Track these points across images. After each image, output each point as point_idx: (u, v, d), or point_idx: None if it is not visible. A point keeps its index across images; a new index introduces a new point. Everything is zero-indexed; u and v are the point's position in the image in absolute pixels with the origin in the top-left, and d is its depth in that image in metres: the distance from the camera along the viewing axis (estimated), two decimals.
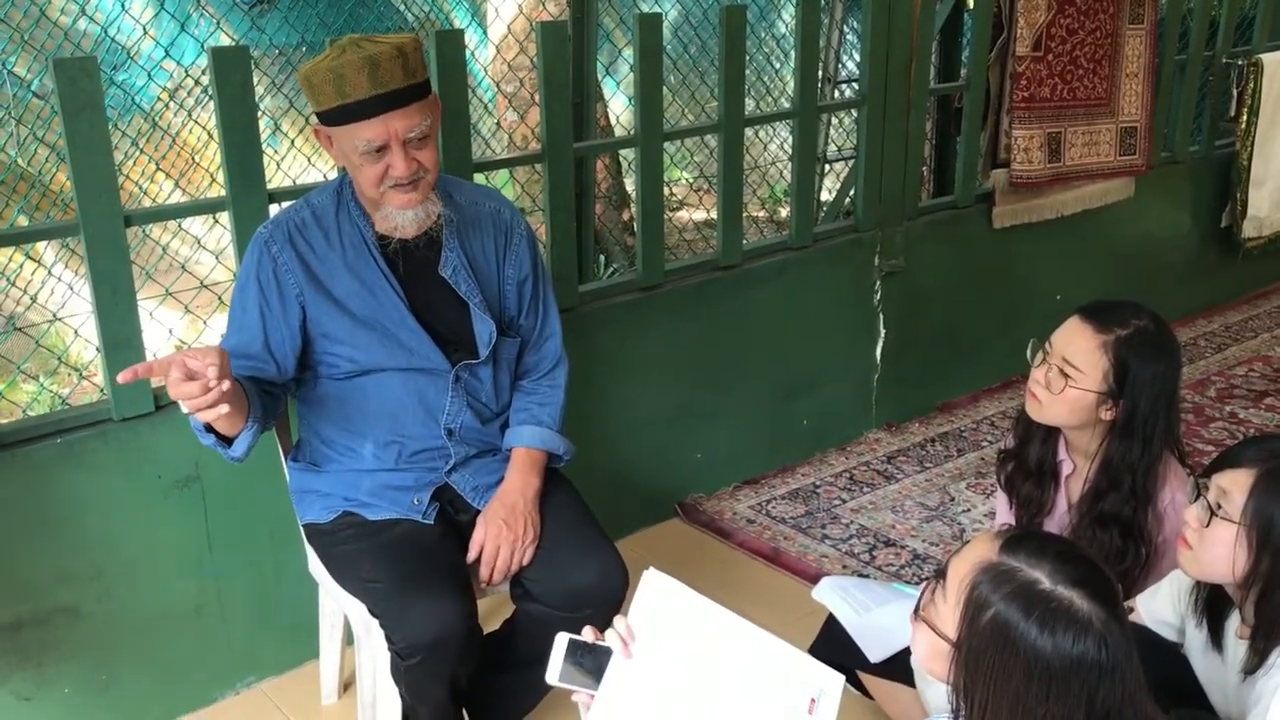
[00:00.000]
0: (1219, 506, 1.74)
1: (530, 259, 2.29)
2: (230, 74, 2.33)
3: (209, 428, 1.94)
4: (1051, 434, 2.39)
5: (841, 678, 1.79)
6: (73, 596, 2.36)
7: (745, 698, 1.69)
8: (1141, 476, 2.18)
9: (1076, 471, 2.36)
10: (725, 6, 3.09)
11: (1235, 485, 1.73)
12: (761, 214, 6.52)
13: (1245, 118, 4.60)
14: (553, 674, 1.65)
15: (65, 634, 2.36)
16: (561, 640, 1.65)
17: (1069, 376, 2.21)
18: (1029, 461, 2.42)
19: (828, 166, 4.82)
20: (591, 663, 1.65)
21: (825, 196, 5.15)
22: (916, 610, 1.55)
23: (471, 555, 2.15)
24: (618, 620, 1.66)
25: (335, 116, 1.99)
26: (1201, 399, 4.06)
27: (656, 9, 6.14)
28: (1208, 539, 1.76)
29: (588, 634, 1.66)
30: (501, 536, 2.13)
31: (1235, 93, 4.62)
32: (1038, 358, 2.30)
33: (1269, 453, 1.74)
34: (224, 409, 1.82)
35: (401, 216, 2.06)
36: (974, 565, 1.44)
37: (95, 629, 2.40)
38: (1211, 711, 1.91)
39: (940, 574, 1.51)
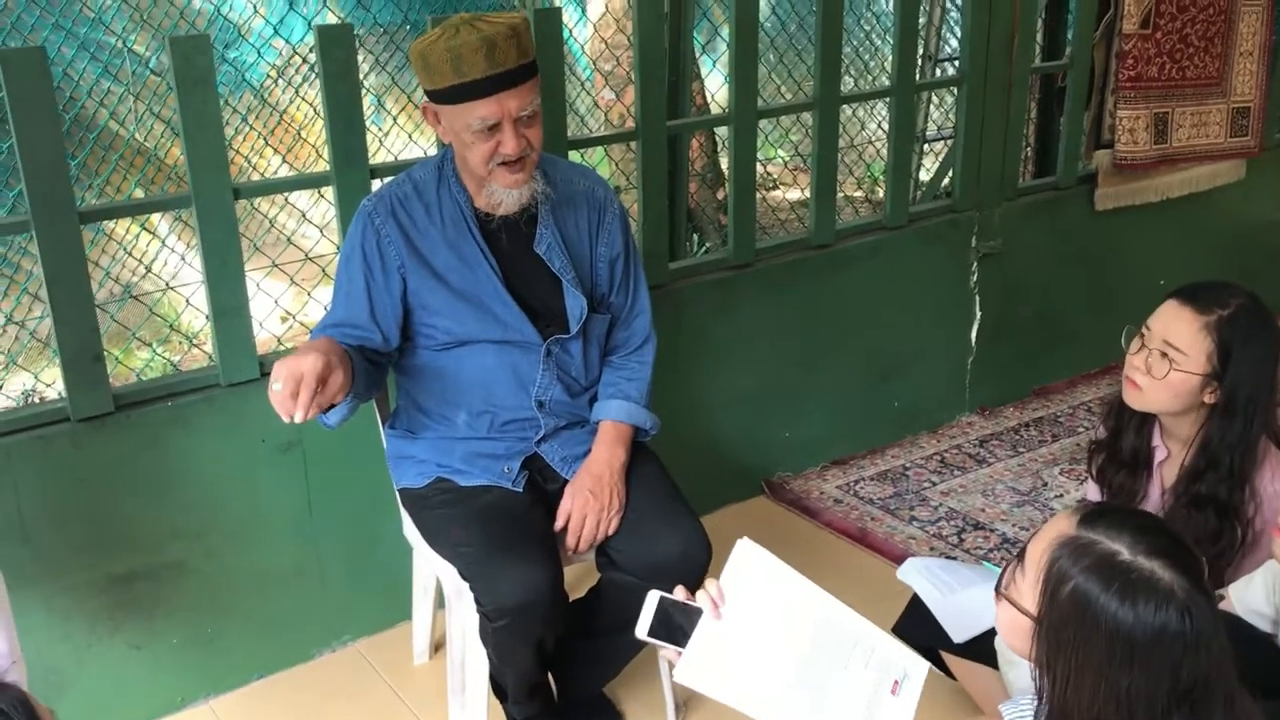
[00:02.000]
0: None
1: (622, 237, 2.32)
2: (335, 51, 2.41)
3: None
4: (1147, 422, 2.35)
5: (927, 664, 1.79)
6: (181, 552, 2.47)
7: (832, 671, 1.71)
8: (1240, 457, 2.14)
9: (1171, 458, 2.31)
10: None
11: None
12: (858, 194, 6.47)
13: None
14: (642, 629, 1.67)
15: (174, 588, 2.48)
16: (653, 597, 1.68)
17: (1172, 360, 2.18)
18: (1123, 451, 2.38)
19: (927, 146, 4.77)
20: (681, 621, 1.68)
21: (925, 177, 5.10)
22: (998, 589, 1.55)
23: (559, 524, 2.20)
24: (709, 583, 1.69)
25: (450, 95, 2.03)
26: None
27: None
28: None
29: (679, 594, 1.69)
30: (588, 506, 2.17)
31: None
32: (1135, 344, 2.26)
33: None
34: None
35: (506, 195, 2.11)
36: (1052, 540, 1.44)
37: (202, 584, 2.51)
38: None
39: (1020, 554, 1.51)
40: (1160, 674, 1.36)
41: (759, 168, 3.28)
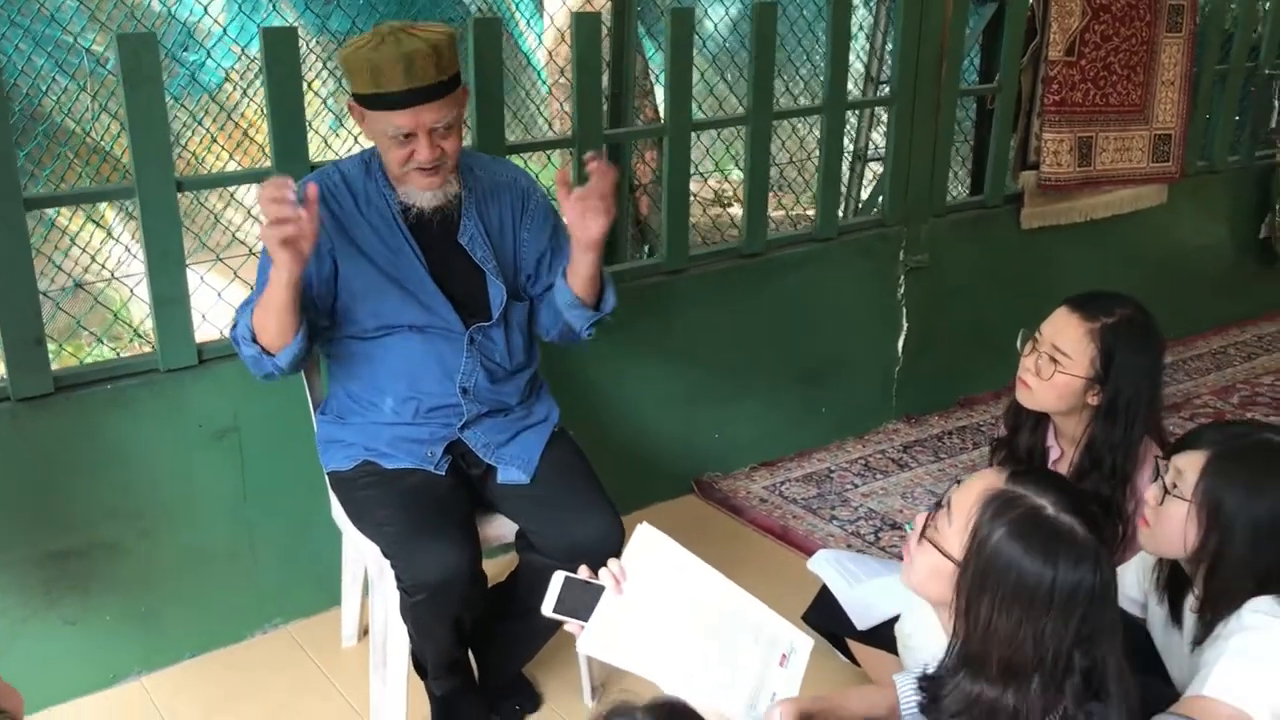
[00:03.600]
0: (1174, 486, 1.84)
1: (550, 225, 2.41)
2: (279, 52, 2.51)
3: (255, 338, 2.13)
4: (1040, 422, 2.49)
5: (812, 640, 1.92)
6: (116, 533, 2.55)
7: (724, 641, 1.83)
8: (1121, 458, 2.28)
9: (1063, 457, 2.45)
10: (756, 4, 3.22)
11: (1190, 466, 1.83)
12: (813, 211, 6.60)
13: None
14: (548, 606, 1.80)
15: (109, 566, 2.55)
16: (558, 577, 1.81)
17: (1058, 363, 2.32)
18: (1019, 449, 2.52)
19: (868, 164, 4.91)
20: (584, 598, 1.80)
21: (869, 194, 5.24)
22: (922, 534, 1.67)
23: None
24: (611, 562, 1.82)
25: (368, 102, 2.15)
26: (1224, 404, 4.11)
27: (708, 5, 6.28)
28: (1162, 516, 1.86)
29: (583, 573, 1.82)
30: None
31: (1277, 104, 4.65)
32: (1028, 347, 2.40)
33: (1225, 436, 1.84)
34: (306, 246, 2.02)
35: (420, 196, 2.23)
36: (981, 492, 1.57)
37: (136, 564, 2.59)
38: (1168, 682, 2.01)
39: (942, 504, 1.64)
40: (1071, 618, 1.51)
41: (717, 184, 3.41)
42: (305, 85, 2.65)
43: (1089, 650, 1.53)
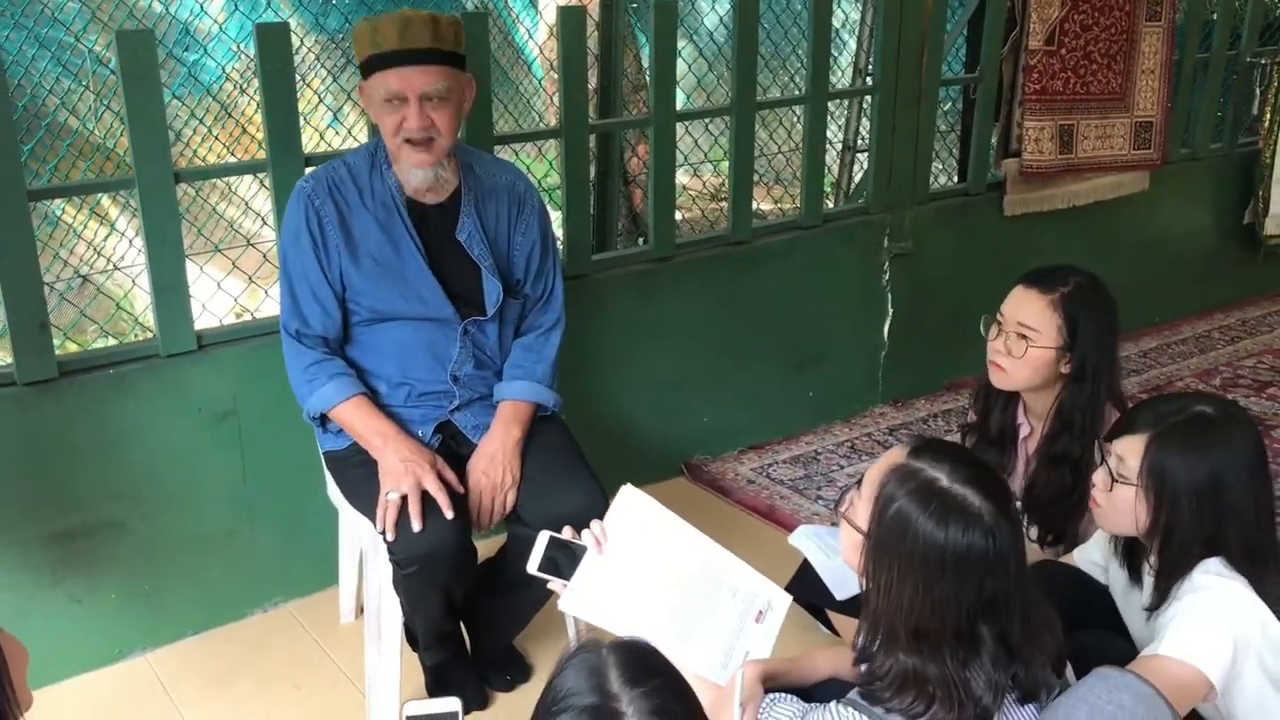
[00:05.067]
0: (1119, 473, 1.93)
1: (539, 229, 2.51)
2: (273, 48, 2.60)
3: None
4: (1010, 402, 2.57)
5: (789, 597, 2.01)
6: (120, 513, 2.64)
7: (702, 598, 1.92)
8: (1090, 418, 2.37)
9: (1034, 433, 2.54)
10: None
11: (1130, 451, 1.92)
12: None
13: (1269, 116, 4.70)
14: (533, 564, 1.89)
15: (113, 546, 2.64)
16: (543, 537, 1.90)
17: (1027, 339, 2.40)
18: (991, 431, 2.61)
19: (856, 155, 4.99)
20: (567, 557, 1.90)
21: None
22: (839, 510, 1.76)
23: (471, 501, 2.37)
24: (594, 523, 1.91)
25: (366, 66, 2.25)
26: (1205, 386, 4.18)
27: None
28: (1112, 500, 1.95)
29: (567, 533, 1.91)
30: (482, 485, 2.35)
31: (1259, 92, 4.72)
32: (993, 331, 2.48)
33: (1158, 416, 1.93)
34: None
35: (414, 175, 2.30)
36: (885, 467, 1.65)
37: (139, 544, 2.68)
38: (1131, 642, 2.09)
39: (859, 481, 1.72)
40: (966, 584, 1.57)
41: (713, 179, 3.49)
42: (301, 81, 2.74)
43: (995, 616, 1.59)
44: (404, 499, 2.19)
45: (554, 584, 1.90)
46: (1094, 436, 2.38)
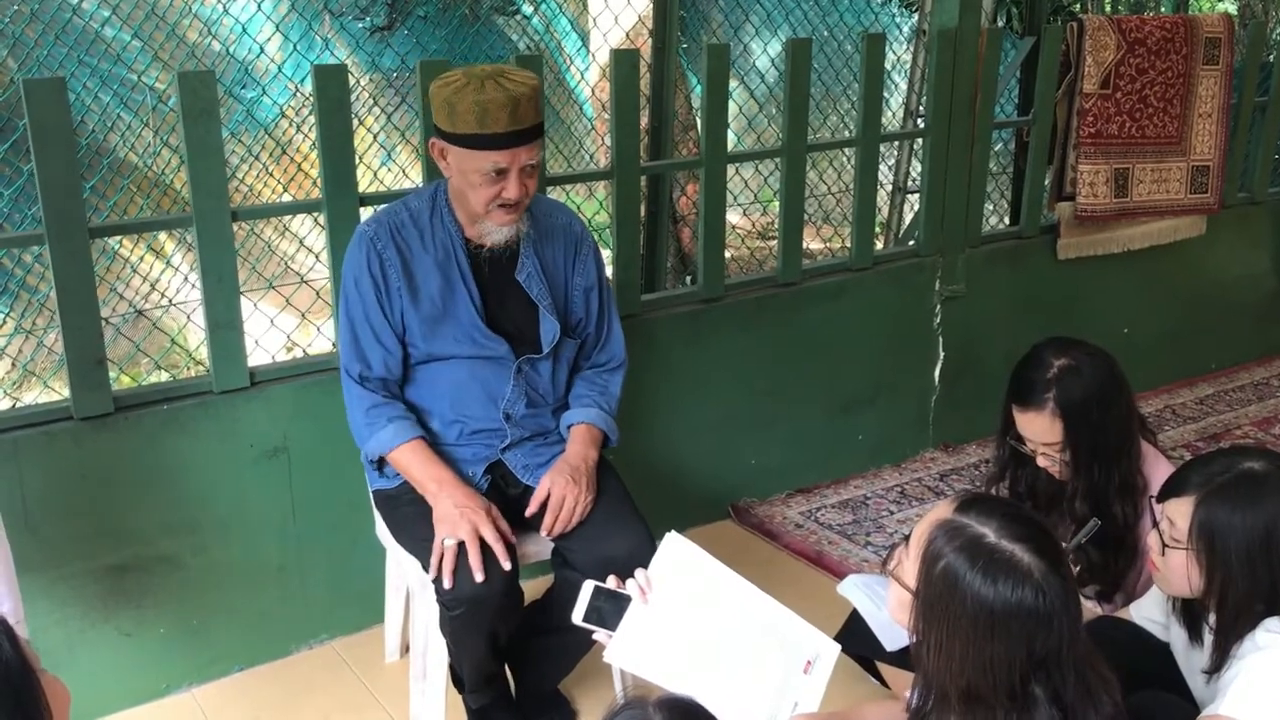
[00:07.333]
0: (1171, 538, 1.90)
1: (596, 271, 2.53)
2: (330, 89, 2.63)
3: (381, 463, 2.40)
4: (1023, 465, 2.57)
5: (838, 647, 1.97)
6: (172, 547, 2.66)
7: (749, 649, 1.89)
8: (1119, 485, 2.36)
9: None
10: (791, 40, 3.30)
11: (1179, 514, 1.89)
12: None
13: None
14: (577, 615, 1.88)
15: (163, 580, 2.66)
16: (588, 586, 1.88)
17: (1043, 451, 2.43)
18: (1020, 484, 2.60)
19: (907, 195, 4.97)
20: (612, 607, 1.88)
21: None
22: (887, 568, 1.73)
23: (533, 508, 2.36)
24: (639, 572, 1.89)
25: (470, 142, 2.23)
26: (1265, 435, 4.10)
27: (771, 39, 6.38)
28: (1168, 564, 1.93)
29: (611, 582, 1.89)
30: (567, 489, 2.34)
31: None
32: (1027, 448, 2.47)
33: (1206, 476, 1.89)
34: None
35: (497, 231, 2.33)
36: (932, 523, 1.62)
37: (190, 579, 2.69)
38: (1192, 702, 2.03)
39: (907, 538, 1.69)
40: (1018, 644, 1.53)
41: (762, 218, 3.49)
42: (356, 120, 2.77)
43: (1048, 676, 1.55)
44: (460, 545, 2.18)
45: (599, 635, 1.88)
46: (1132, 487, 2.36)
